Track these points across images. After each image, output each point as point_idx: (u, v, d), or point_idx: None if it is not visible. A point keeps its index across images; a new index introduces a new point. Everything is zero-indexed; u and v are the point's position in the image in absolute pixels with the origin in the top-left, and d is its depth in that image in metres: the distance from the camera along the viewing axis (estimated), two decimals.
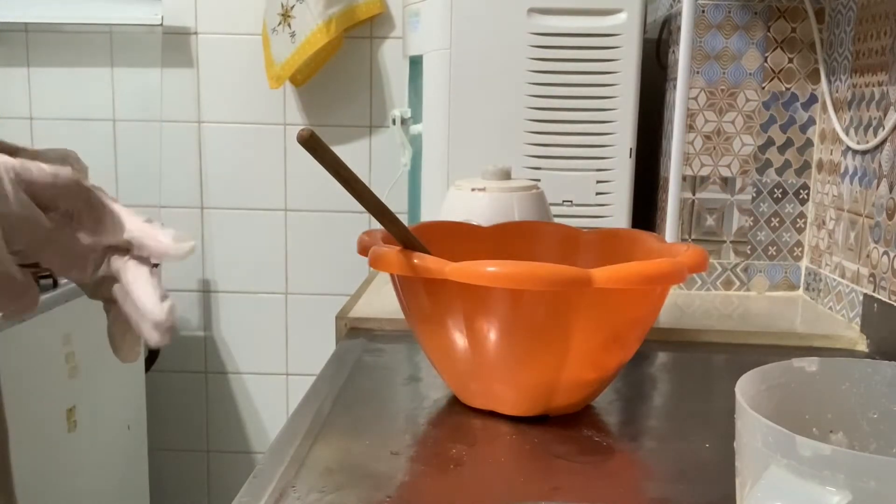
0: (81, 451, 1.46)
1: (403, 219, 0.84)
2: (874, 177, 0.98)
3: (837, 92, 1.09)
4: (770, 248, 1.18)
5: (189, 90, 1.77)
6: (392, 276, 0.71)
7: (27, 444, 1.29)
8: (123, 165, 1.79)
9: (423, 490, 0.60)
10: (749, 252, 1.19)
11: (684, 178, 1.16)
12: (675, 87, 1.08)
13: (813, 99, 1.15)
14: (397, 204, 1.08)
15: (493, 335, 0.66)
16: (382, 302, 1.05)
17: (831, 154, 1.11)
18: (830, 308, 1.08)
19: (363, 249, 0.70)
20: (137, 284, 0.44)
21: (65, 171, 0.42)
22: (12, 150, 0.44)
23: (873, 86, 0.98)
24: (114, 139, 1.79)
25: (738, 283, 1.19)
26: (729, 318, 1.07)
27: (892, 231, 0.92)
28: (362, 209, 0.66)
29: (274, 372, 1.87)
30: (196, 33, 1.75)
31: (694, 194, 1.18)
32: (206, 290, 1.85)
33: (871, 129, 0.99)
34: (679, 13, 1.05)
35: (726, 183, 1.17)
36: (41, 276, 1.38)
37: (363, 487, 0.59)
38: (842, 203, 1.07)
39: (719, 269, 1.19)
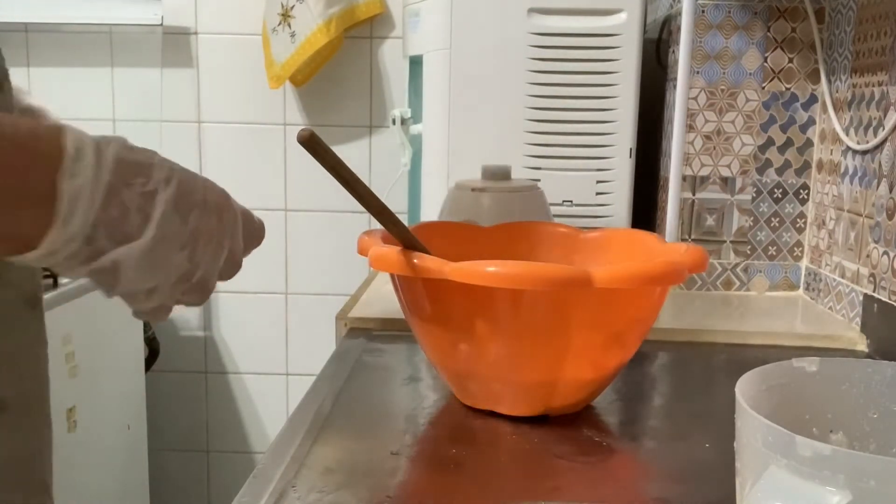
0: (81, 451, 1.46)
1: (403, 219, 0.84)
2: (874, 177, 0.98)
3: (837, 92, 1.09)
4: (770, 248, 1.18)
5: (189, 90, 1.77)
6: (392, 276, 0.71)
7: None
8: None
9: (423, 490, 0.60)
10: (749, 252, 1.19)
11: (684, 178, 1.16)
12: (675, 87, 1.08)
13: (813, 99, 1.15)
14: (397, 204, 1.08)
15: (493, 335, 0.66)
16: (382, 302, 1.05)
17: (831, 154, 1.11)
18: (830, 308, 1.08)
19: (363, 249, 0.70)
20: None
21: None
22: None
23: (873, 86, 0.98)
24: None
25: (738, 283, 1.19)
26: (729, 318, 1.07)
27: (892, 231, 0.92)
28: (362, 209, 0.66)
29: (274, 372, 1.87)
30: (196, 33, 1.75)
31: (694, 194, 1.18)
32: None
33: (871, 129, 0.99)
34: (679, 13, 1.05)
35: (726, 183, 1.17)
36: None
37: (363, 487, 0.59)
38: (842, 203, 1.07)
39: (719, 269, 1.19)
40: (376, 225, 0.68)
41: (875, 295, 0.95)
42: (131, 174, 0.44)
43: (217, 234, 0.49)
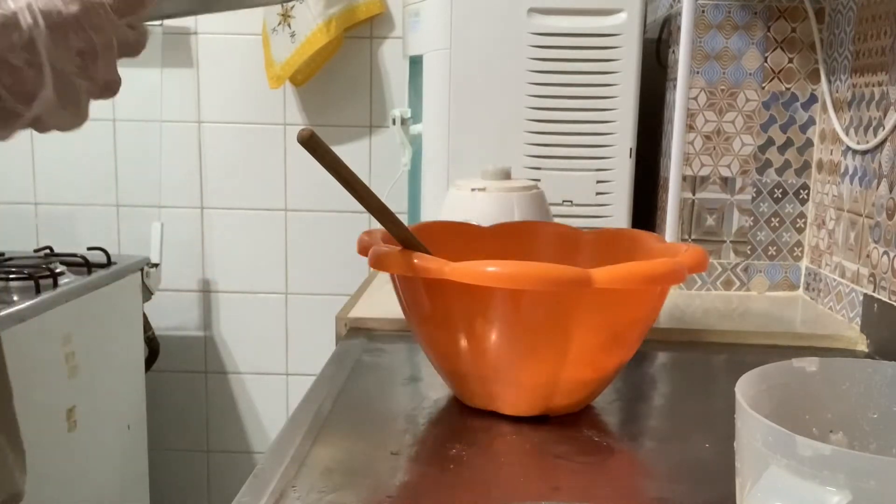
0: (81, 451, 1.46)
1: (403, 219, 0.84)
2: (874, 177, 0.98)
3: (837, 92, 1.09)
4: (770, 248, 1.18)
5: (189, 90, 1.77)
6: (392, 276, 0.71)
7: (27, 443, 1.28)
8: (123, 165, 1.79)
9: (423, 490, 0.60)
10: (749, 252, 1.19)
11: (684, 178, 1.16)
12: (675, 87, 1.08)
13: (813, 99, 1.15)
14: (397, 204, 1.08)
15: (492, 335, 0.66)
16: (382, 302, 1.05)
17: (831, 154, 1.11)
18: (830, 308, 1.08)
19: (363, 249, 0.70)
20: None
21: None
22: None
23: (873, 86, 0.98)
24: (114, 139, 1.79)
25: (738, 283, 1.19)
26: (729, 318, 1.07)
27: (892, 231, 0.92)
28: (362, 209, 0.66)
29: (274, 372, 1.87)
30: (196, 33, 1.75)
31: (694, 194, 1.18)
32: (206, 290, 1.85)
33: (871, 129, 0.99)
34: (679, 13, 1.05)
35: (726, 183, 1.17)
36: (41, 277, 1.39)
37: (363, 487, 0.59)
38: (842, 203, 1.07)
39: (719, 269, 1.19)
40: (376, 225, 0.68)
41: (875, 295, 0.95)
42: (5, 35, 0.43)
43: (96, 31, 0.48)
